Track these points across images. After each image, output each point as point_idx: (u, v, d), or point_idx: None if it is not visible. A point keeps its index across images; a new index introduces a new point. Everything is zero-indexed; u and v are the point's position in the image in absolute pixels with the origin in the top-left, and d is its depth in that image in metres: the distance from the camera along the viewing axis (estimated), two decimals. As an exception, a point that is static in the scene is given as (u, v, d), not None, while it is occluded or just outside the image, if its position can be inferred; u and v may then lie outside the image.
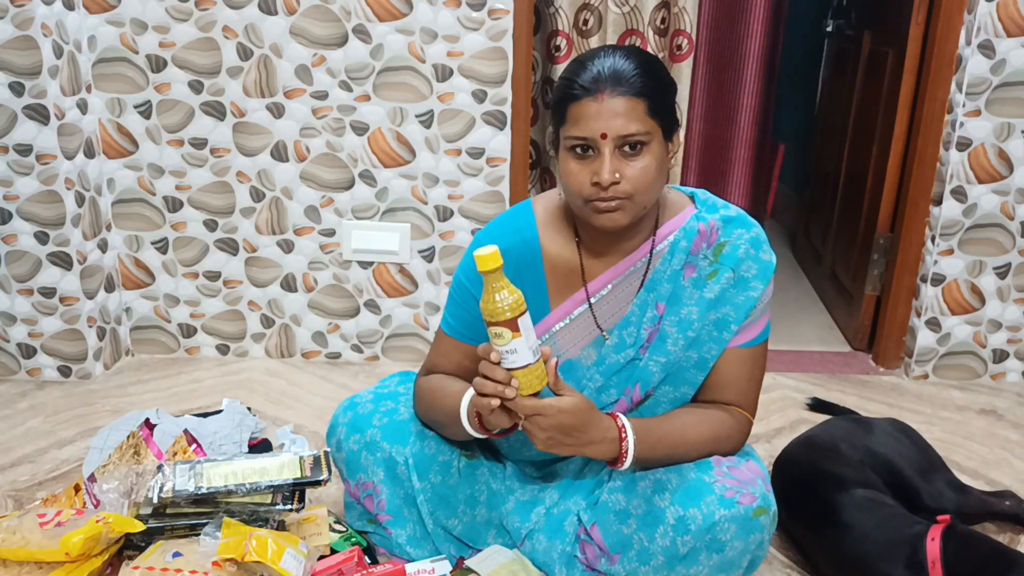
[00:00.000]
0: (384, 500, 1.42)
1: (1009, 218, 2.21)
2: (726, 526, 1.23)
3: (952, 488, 1.58)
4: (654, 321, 1.33)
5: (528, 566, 1.38)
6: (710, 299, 1.31)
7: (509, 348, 1.11)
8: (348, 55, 2.11)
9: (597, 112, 1.19)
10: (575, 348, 1.36)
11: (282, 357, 2.38)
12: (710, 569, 1.26)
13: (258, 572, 1.29)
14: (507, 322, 1.09)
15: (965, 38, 2.10)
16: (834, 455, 1.55)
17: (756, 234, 1.33)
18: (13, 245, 2.11)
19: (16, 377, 2.23)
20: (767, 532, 1.27)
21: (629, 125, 1.19)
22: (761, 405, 2.15)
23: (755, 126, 2.42)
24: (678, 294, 1.32)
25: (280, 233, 2.27)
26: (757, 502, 1.24)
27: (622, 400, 1.35)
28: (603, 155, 1.20)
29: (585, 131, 1.20)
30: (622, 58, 1.22)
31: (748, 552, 1.27)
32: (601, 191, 1.20)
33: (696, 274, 1.32)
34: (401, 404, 1.45)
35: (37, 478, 1.77)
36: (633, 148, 1.20)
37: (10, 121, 2.01)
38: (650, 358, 1.33)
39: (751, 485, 1.26)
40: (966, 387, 2.31)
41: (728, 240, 1.31)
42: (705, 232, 1.32)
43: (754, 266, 1.31)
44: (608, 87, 1.19)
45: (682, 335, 1.31)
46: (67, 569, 1.30)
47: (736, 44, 2.36)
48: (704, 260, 1.32)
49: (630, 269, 1.34)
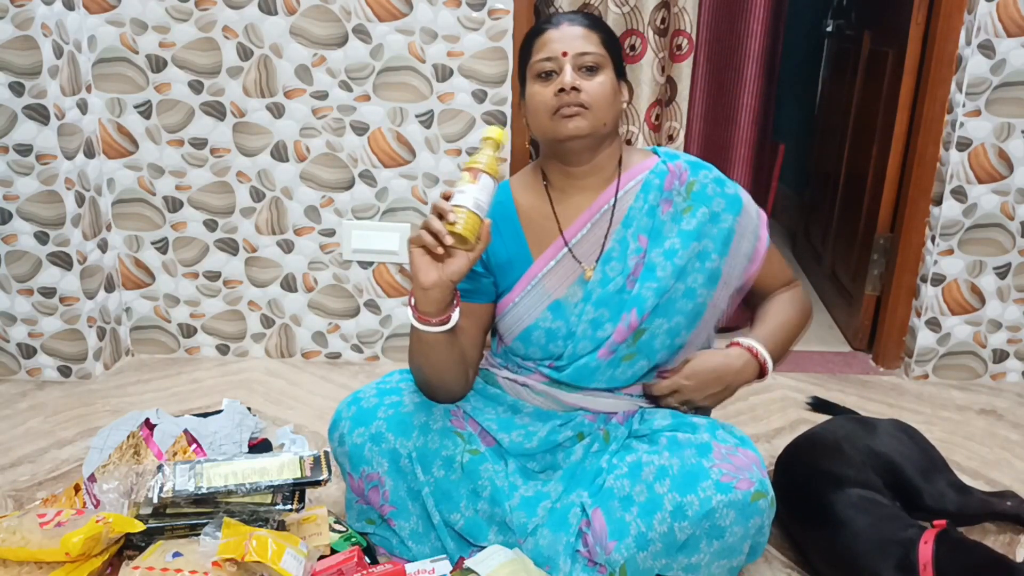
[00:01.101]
0: (388, 491, 1.43)
1: (1009, 218, 2.21)
2: (724, 512, 1.24)
3: (954, 489, 1.58)
4: (639, 253, 1.44)
5: (529, 566, 1.38)
6: (689, 231, 1.43)
7: (461, 189, 1.25)
8: (348, 55, 2.11)
9: (559, 36, 1.39)
10: (561, 288, 1.45)
11: (282, 357, 2.38)
12: (711, 556, 1.27)
13: (258, 572, 1.29)
14: (472, 169, 1.25)
15: (965, 38, 2.10)
16: (836, 454, 1.55)
17: (717, 174, 1.49)
18: (13, 245, 2.11)
19: (16, 377, 2.23)
20: (766, 517, 1.29)
21: (587, 45, 1.38)
22: (761, 405, 2.17)
23: (755, 126, 2.42)
24: (659, 228, 1.44)
25: (280, 233, 2.27)
26: (755, 487, 1.26)
27: (620, 327, 1.42)
28: (565, 70, 1.37)
29: (548, 52, 1.38)
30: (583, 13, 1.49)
31: (748, 537, 1.28)
32: (564, 96, 1.36)
33: (672, 209, 1.45)
34: (405, 396, 1.46)
35: (37, 478, 1.77)
36: (590, 70, 1.38)
37: (10, 121, 2.01)
38: (642, 286, 1.42)
39: (747, 471, 1.27)
40: (966, 387, 2.31)
41: (696, 179, 1.46)
42: (675, 171, 1.46)
43: (722, 201, 1.46)
44: (566, 20, 1.42)
45: (670, 262, 1.42)
46: (67, 569, 1.30)
47: (736, 44, 2.36)
48: (678, 196, 1.45)
49: (603, 208, 1.45)
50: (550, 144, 1.43)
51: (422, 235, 1.23)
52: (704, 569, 1.29)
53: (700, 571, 1.29)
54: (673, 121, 2.32)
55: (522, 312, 1.46)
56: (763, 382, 1.47)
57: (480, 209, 1.24)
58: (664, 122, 2.32)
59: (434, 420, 1.44)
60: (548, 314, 1.45)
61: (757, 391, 2.22)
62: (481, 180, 1.24)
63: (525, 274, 1.45)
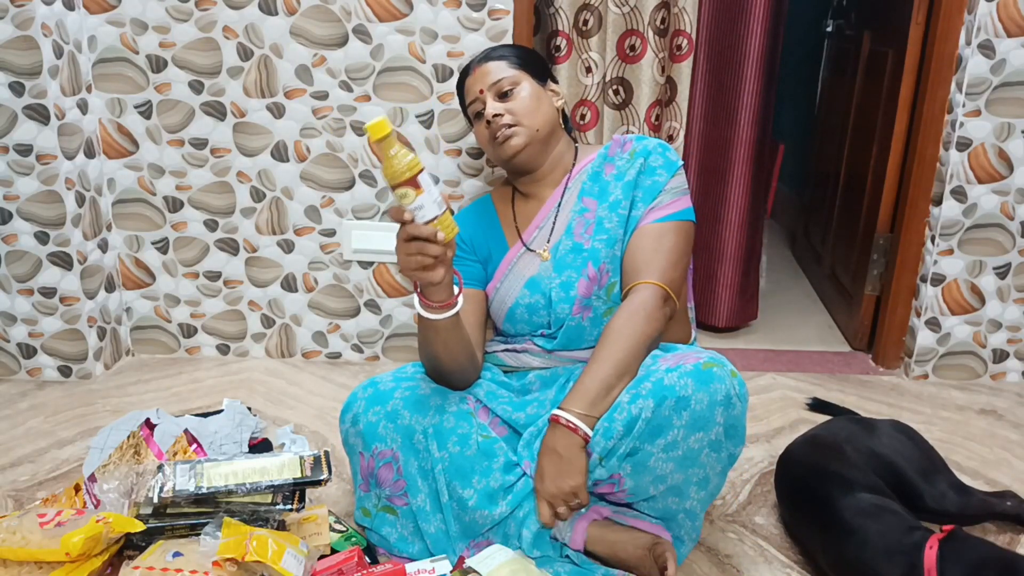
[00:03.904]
0: (401, 466, 1.45)
1: (1009, 218, 2.21)
2: (682, 382, 1.30)
3: (954, 489, 1.58)
4: (585, 213, 1.58)
5: (529, 566, 1.38)
6: (629, 182, 1.56)
7: (416, 205, 1.21)
8: (348, 55, 2.11)
9: (474, 78, 1.61)
10: (533, 268, 1.61)
11: (282, 357, 2.38)
12: (685, 429, 1.31)
13: (258, 572, 1.29)
14: (408, 181, 1.20)
15: (965, 38, 2.10)
16: (839, 456, 1.54)
17: (662, 142, 1.59)
18: (13, 245, 2.11)
19: (16, 377, 2.23)
20: (729, 385, 1.31)
21: (496, 74, 1.58)
22: (761, 405, 2.17)
23: (755, 126, 2.42)
24: (603, 187, 1.59)
25: (280, 233, 2.27)
26: (703, 359, 1.33)
27: (581, 280, 1.54)
28: (487, 104, 1.58)
29: (471, 95, 1.62)
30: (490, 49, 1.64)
31: (717, 404, 1.30)
32: (493, 126, 1.56)
33: (615, 169, 1.59)
34: (421, 382, 1.50)
35: (37, 478, 1.77)
36: (506, 94, 1.58)
37: (10, 121, 2.01)
38: (594, 240, 1.55)
39: (692, 355, 1.35)
40: (966, 387, 2.31)
41: (640, 145, 1.59)
42: (619, 142, 1.62)
43: (660, 159, 1.56)
44: (477, 62, 1.63)
45: (614, 213, 1.55)
46: (67, 569, 1.30)
47: (736, 44, 2.36)
48: (620, 160, 1.59)
49: (555, 205, 1.63)
50: (504, 164, 1.63)
51: (421, 260, 1.27)
52: (683, 444, 1.32)
53: (679, 447, 1.32)
54: (673, 121, 2.32)
55: (504, 294, 1.63)
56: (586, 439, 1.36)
57: (441, 206, 1.24)
58: (664, 122, 2.32)
59: (450, 403, 1.49)
60: (525, 291, 1.60)
61: (757, 391, 2.22)
62: (422, 181, 1.21)
63: (503, 260, 1.64)
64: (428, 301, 1.37)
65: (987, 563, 1.29)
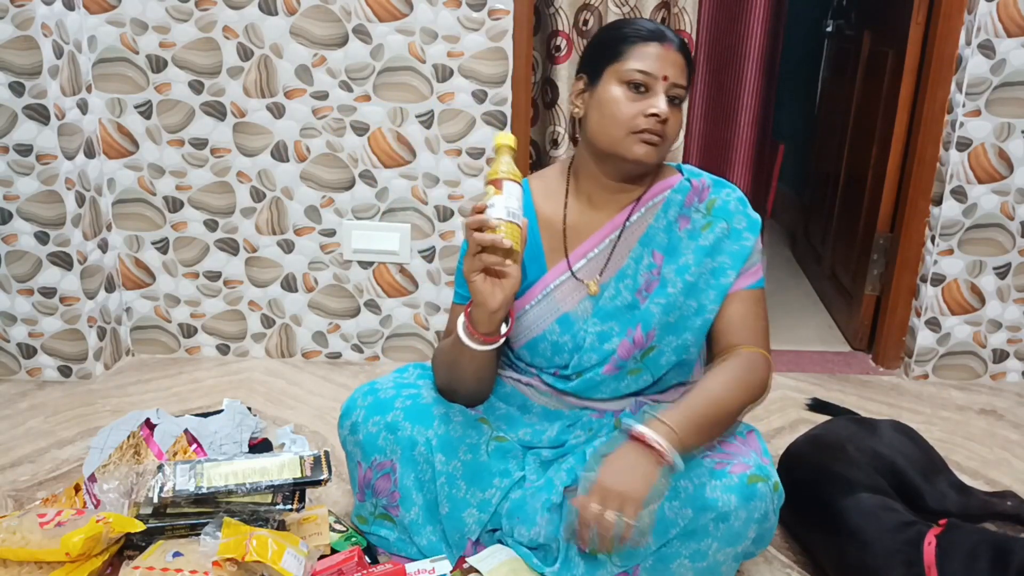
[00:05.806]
0: (398, 478, 1.42)
1: (1009, 218, 2.21)
2: (726, 498, 1.24)
3: (954, 489, 1.58)
4: (651, 268, 1.41)
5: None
6: (705, 247, 1.40)
7: (491, 203, 1.24)
8: (348, 55, 2.11)
9: (664, 55, 1.33)
10: (571, 302, 1.44)
11: (282, 357, 2.38)
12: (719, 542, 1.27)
13: (258, 572, 1.29)
14: (494, 181, 1.25)
15: (965, 38, 2.10)
16: (842, 456, 1.54)
17: (741, 195, 1.44)
18: (13, 245, 2.11)
19: (16, 377, 2.23)
20: (769, 502, 1.27)
21: (682, 77, 1.34)
22: (761, 405, 2.16)
23: (755, 126, 2.41)
24: (675, 244, 1.42)
25: (280, 233, 2.27)
26: (751, 470, 1.26)
27: (624, 342, 1.40)
28: (659, 94, 1.32)
29: (651, 68, 1.32)
30: (678, 36, 1.38)
31: (753, 522, 1.26)
32: (654, 123, 1.32)
33: (691, 225, 1.42)
34: (423, 389, 1.46)
35: (37, 478, 1.77)
36: (675, 101, 1.35)
37: (10, 121, 2.01)
38: (651, 302, 1.40)
39: (741, 456, 1.28)
40: (966, 387, 2.31)
41: (718, 197, 1.43)
42: (697, 188, 1.44)
43: (744, 219, 1.41)
44: (669, 40, 1.34)
45: (680, 279, 1.39)
46: (67, 569, 1.30)
47: (736, 44, 2.36)
48: (697, 213, 1.42)
49: (612, 233, 1.44)
50: (604, 154, 1.38)
51: (483, 258, 1.23)
52: (712, 556, 1.28)
53: (707, 558, 1.29)
54: (673, 121, 2.31)
55: (531, 321, 1.45)
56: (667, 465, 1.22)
57: (515, 216, 1.24)
58: (664, 122, 2.32)
59: (455, 412, 1.44)
60: (556, 327, 1.43)
61: (757, 391, 2.22)
62: (506, 188, 1.24)
63: (538, 282, 1.45)
64: (473, 329, 1.31)
65: (979, 548, 1.30)
